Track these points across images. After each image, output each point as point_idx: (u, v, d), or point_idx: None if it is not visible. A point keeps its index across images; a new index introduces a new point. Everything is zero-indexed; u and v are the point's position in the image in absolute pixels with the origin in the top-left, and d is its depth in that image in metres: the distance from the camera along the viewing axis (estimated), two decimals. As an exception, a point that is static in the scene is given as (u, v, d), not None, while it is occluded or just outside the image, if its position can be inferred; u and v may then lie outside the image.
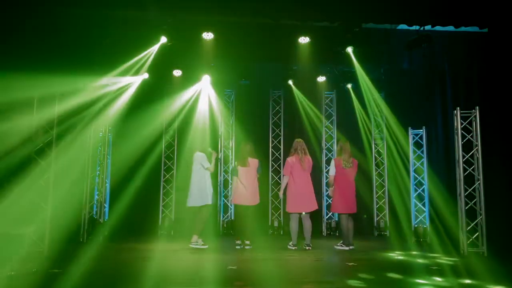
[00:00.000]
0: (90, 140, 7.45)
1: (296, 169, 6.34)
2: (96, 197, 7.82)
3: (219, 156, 9.28)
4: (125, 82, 8.42)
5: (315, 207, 6.36)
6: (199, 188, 6.32)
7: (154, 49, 7.51)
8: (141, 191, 8.16)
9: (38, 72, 6.03)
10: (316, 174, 8.96)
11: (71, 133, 6.59)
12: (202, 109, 9.10)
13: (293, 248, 6.32)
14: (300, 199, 6.30)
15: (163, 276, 4.24)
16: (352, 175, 6.46)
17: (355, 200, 6.44)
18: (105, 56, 7.54)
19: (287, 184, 6.43)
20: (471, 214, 6.00)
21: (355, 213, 6.47)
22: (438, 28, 7.14)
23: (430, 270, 4.62)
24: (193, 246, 6.22)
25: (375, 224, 8.86)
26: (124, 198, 8.18)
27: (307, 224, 6.31)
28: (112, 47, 7.27)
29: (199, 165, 6.39)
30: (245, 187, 6.41)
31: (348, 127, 9.20)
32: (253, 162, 6.51)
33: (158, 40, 7.38)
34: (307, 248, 6.25)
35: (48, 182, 5.50)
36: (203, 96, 9.18)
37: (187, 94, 9.08)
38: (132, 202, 8.25)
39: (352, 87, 9.10)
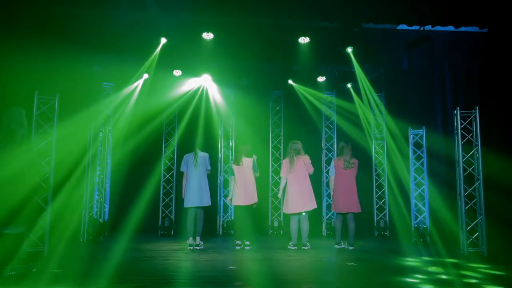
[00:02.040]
0: (90, 140, 7.45)
1: (289, 170, 6.42)
2: (96, 197, 7.81)
3: (219, 156, 9.27)
4: (131, 85, 8.50)
5: (308, 207, 6.34)
6: (207, 188, 6.39)
7: (157, 51, 7.53)
8: (141, 191, 8.15)
9: (38, 74, 6.05)
10: (316, 174, 8.97)
11: (71, 133, 6.58)
12: (202, 109, 9.09)
13: (293, 248, 6.34)
14: (293, 199, 6.35)
15: (163, 276, 4.24)
16: (352, 175, 6.46)
17: (356, 199, 6.43)
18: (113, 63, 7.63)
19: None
20: (471, 214, 6.00)
21: (356, 213, 6.45)
22: (438, 28, 7.15)
23: (429, 270, 4.62)
24: (200, 248, 6.27)
25: (375, 224, 8.85)
26: (124, 198, 8.18)
27: (304, 225, 6.38)
28: (117, 53, 7.32)
29: (204, 165, 6.41)
30: (238, 187, 6.46)
31: (348, 127, 9.19)
32: (247, 161, 6.54)
33: (159, 42, 7.39)
34: (303, 248, 6.30)
35: (48, 182, 5.50)
36: (203, 96, 9.18)
37: (187, 94, 9.07)
38: (132, 202, 8.26)
39: (352, 87, 9.09)
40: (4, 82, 5.90)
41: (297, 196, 6.34)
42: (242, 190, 6.44)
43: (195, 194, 6.33)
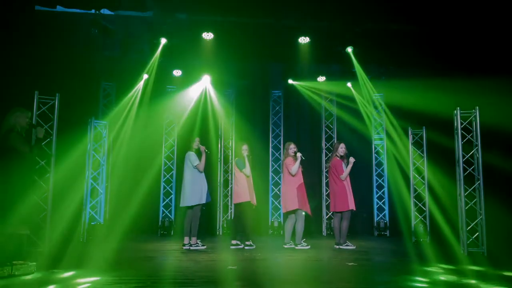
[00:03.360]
0: (90, 140, 7.45)
1: None
2: (96, 197, 7.82)
3: (219, 156, 9.27)
4: (132, 85, 8.53)
5: (283, 208, 6.52)
6: (191, 188, 6.27)
7: (158, 51, 7.54)
8: (141, 191, 8.15)
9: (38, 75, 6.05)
10: (315, 175, 8.98)
11: (71, 133, 6.59)
12: (202, 108, 9.09)
13: (286, 246, 6.43)
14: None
15: (162, 276, 4.24)
16: (329, 176, 6.62)
17: (332, 199, 6.53)
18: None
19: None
20: (471, 214, 6.00)
21: (342, 212, 6.42)
22: (437, 27, 7.15)
23: (428, 270, 4.62)
24: (194, 248, 6.23)
25: (375, 224, 8.85)
26: (124, 198, 8.17)
27: (297, 225, 6.43)
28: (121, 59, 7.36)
29: (187, 165, 6.38)
30: None
31: (348, 127, 9.18)
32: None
33: (159, 42, 7.39)
34: (296, 247, 6.37)
35: (48, 182, 5.50)
36: (203, 96, 9.18)
37: (187, 94, 9.07)
38: (132, 202, 8.26)
39: (353, 87, 9.09)
40: (4, 82, 5.91)
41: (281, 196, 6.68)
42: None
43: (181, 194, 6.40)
